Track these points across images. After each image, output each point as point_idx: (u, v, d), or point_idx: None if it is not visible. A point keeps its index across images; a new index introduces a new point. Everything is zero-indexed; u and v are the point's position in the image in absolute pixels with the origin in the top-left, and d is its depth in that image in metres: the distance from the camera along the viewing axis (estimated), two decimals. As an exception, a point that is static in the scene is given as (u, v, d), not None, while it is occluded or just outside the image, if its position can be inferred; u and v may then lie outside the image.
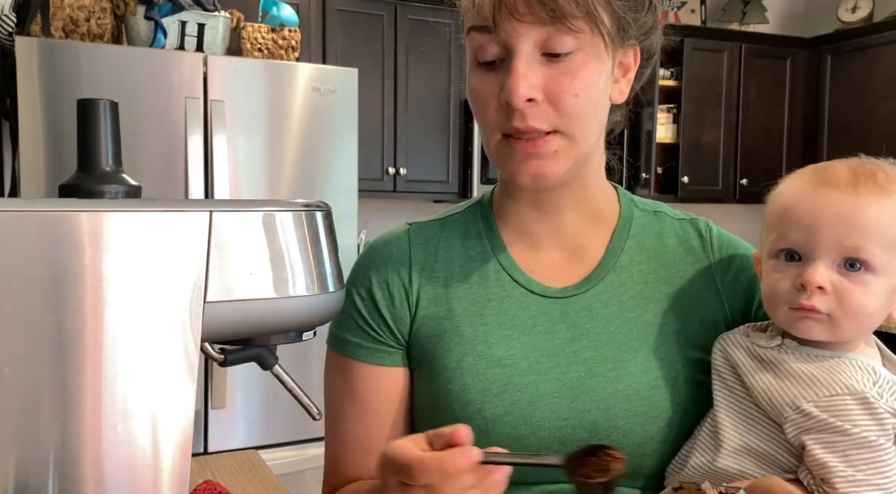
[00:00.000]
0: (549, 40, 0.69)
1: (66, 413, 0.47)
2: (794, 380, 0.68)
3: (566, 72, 0.70)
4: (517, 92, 0.68)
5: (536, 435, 0.74)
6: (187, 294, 0.49)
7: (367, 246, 0.88)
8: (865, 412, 0.64)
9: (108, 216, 0.47)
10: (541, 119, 0.70)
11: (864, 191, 0.67)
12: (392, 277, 0.82)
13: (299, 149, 2.28)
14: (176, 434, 0.50)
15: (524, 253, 0.82)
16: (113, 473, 0.48)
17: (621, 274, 0.80)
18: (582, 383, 0.75)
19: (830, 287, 0.67)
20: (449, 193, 3.15)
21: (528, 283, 0.80)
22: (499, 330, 0.78)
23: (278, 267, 0.53)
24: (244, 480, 1.28)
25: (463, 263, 0.82)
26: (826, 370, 0.67)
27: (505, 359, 0.76)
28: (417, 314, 0.81)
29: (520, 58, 0.69)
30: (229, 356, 0.59)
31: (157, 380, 0.49)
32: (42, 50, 1.96)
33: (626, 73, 0.77)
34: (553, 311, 0.79)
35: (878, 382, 0.65)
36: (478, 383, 0.75)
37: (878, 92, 3.48)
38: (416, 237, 0.85)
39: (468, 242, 0.84)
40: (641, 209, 0.86)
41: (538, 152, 0.72)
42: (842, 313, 0.67)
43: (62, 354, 0.46)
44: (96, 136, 0.54)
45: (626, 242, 0.82)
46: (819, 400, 0.65)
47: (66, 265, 0.46)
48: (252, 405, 2.26)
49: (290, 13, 2.45)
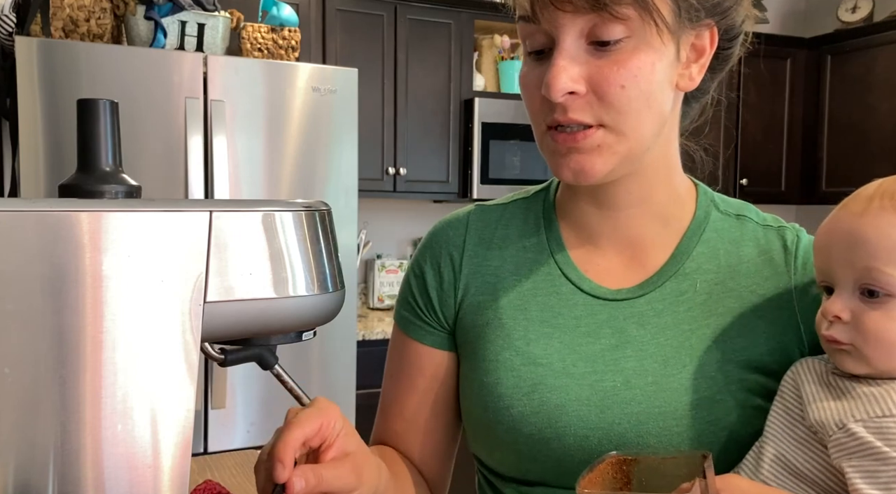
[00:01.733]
0: (594, 28, 0.64)
1: (66, 414, 0.47)
2: (849, 398, 0.62)
3: (613, 61, 0.65)
4: (555, 86, 0.64)
5: (561, 441, 0.71)
6: (187, 294, 0.49)
7: (433, 226, 0.88)
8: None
9: (108, 216, 0.47)
10: (584, 112, 0.66)
11: (874, 209, 0.61)
12: (445, 260, 0.82)
13: (299, 149, 2.28)
14: (176, 434, 0.50)
15: (581, 250, 0.78)
16: (113, 473, 0.48)
17: (683, 282, 0.74)
18: (616, 393, 0.71)
19: (849, 315, 0.62)
20: (449, 193, 3.15)
21: (579, 280, 0.76)
22: (540, 327, 0.75)
23: (278, 267, 0.53)
24: (244, 480, 1.28)
25: (516, 254, 0.79)
26: (888, 390, 0.60)
27: (541, 358, 0.73)
28: (464, 301, 0.80)
29: (561, 49, 0.65)
30: (229, 356, 0.59)
31: (157, 380, 0.49)
32: (42, 50, 1.96)
33: (699, 56, 0.70)
34: (600, 314, 0.74)
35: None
36: (510, 379, 0.73)
37: (878, 92, 3.48)
38: (475, 222, 0.83)
39: (526, 232, 0.81)
40: (723, 211, 0.78)
41: (579, 146, 0.67)
42: (864, 343, 0.61)
43: (62, 354, 0.46)
44: (96, 136, 0.54)
45: (695, 247, 0.75)
46: (869, 419, 0.59)
47: (66, 265, 0.46)
48: (252, 405, 2.26)
49: (290, 13, 2.45)
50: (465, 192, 3.14)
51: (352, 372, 2.41)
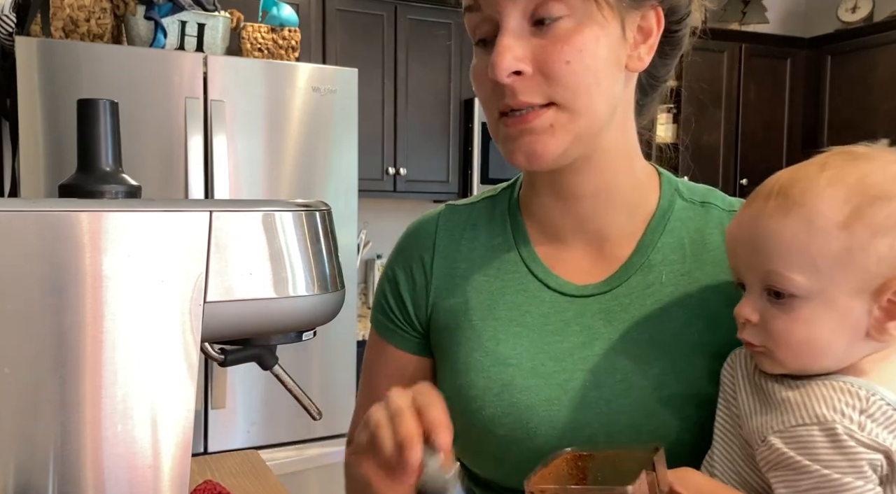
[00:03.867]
0: (536, 9, 0.64)
1: (66, 414, 0.47)
2: (770, 407, 0.60)
3: (557, 38, 0.64)
4: (499, 65, 0.64)
5: (532, 442, 0.70)
6: (187, 294, 0.49)
7: (406, 228, 0.87)
8: (831, 445, 0.54)
9: (108, 216, 0.47)
10: (532, 92, 0.65)
11: (769, 210, 0.59)
12: (416, 264, 0.81)
13: (299, 149, 2.28)
14: (176, 434, 0.50)
15: (547, 245, 0.77)
16: (113, 473, 0.48)
17: (649, 274, 0.72)
18: (585, 393, 0.70)
19: (758, 317, 0.60)
20: (449, 193, 3.15)
21: (546, 277, 0.75)
22: (509, 326, 0.74)
23: (278, 267, 0.53)
24: (244, 480, 1.28)
25: (484, 253, 0.78)
26: (805, 394, 0.58)
27: (511, 358, 0.72)
28: (436, 304, 0.79)
29: (504, 31, 0.65)
30: (229, 356, 0.59)
31: (157, 380, 0.49)
32: (42, 50, 1.96)
33: (647, 37, 0.69)
34: (568, 310, 0.73)
35: (868, 410, 0.55)
36: (481, 380, 0.73)
37: (878, 92, 3.48)
38: (444, 223, 0.82)
39: (493, 230, 0.80)
40: (687, 199, 0.76)
41: (531, 126, 0.66)
42: (774, 345, 0.60)
43: (62, 354, 0.46)
44: (96, 136, 0.54)
45: (660, 238, 0.74)
46: (785, 430, 0.57)
47: (66, 265, 0.46)
48: (252, 405, 2.26)
49: (290, 13, 2.44)
50: (465, 192, 3.14)
51: (352, 372, 2.41)
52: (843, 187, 0.57)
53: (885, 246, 0.55)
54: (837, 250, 0.56)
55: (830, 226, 0.56)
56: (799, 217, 0.57)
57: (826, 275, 0.57)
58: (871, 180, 0.56)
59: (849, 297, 0.57)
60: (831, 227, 0.56)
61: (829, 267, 0.57)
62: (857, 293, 0.57)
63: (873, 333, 0.57)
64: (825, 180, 0.58)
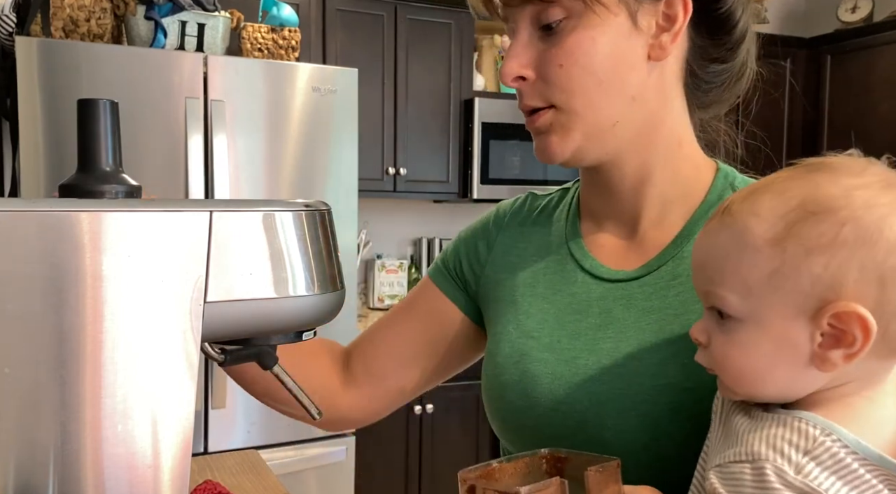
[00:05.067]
0: (539, 14, 0.68)
1: (66, 414, 0.47)
2: (725, 438, 0.57)
3: (554, 43, 0.68)
4: (504, 72, 0.69)
5: (533, 411, 0.74)
6: (187, 294, 0.49)
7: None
8: (755, 484, 0.51)
9: (108, 216, 0.47)
10: (533, 96, 0.70)
11: (710, 228, 0.57)
12: (483, 237, 0.88)
13: (299, 149, 2.28)
14: (176, 434, 0.50)
15: (593, 233, 0.80)
16: (113, 473, 0.48)
17: (679, 266, 0.72)
18: (586, 372, 0.71)
19: (706, 339, 0.58)
20: (449, 193, 3.15)
21: (583, 259, 0.78)
22: (542, 303, 0.78)
23: (278, 267, 0.53)
24: (244, 480, 1.28)
25: (541, 237, 0.83)
26: (754, 429, 0.54)
27: (534, 332, 0.77)
28: (489, 275, 0.85)
29: (515, 38, 0.70)
30: (229, 356, 0.59)
31: (157, 380, 0.49)
32: (42, 50, 1.96)
33: (672, 24, 0.68)
34: (593, 292, 0.75)
35: (814, 451, 0.51)
36: (506, 349, 0.77)
37: (878, 92, 3.48)
38: (520, 206, 0.88)
39: (555, 215, 0.84)
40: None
41: (536, 127, 0.71)
42: (718, 369, 0.58)
43: (62, 354, 0.46)
44: (96, 136, 0.54)
45: (699, 230, 0.73)
46: (724, 465, 0.54)
47: (66, 265, 0.46)
48: (252, 405, 2.26)
49: (290, 13, 2.45)
50: (466, 192, 3.14)
51: (352, 372, 2.41)
52: (782, 202, 0.54)
53: (820, 265, 0.51)
54: (768, 270, 0.53)
55: (761, 244, 0.53)
56: (731, 233, 0.55)
57: (757, 296, 0.53)
58: (815, 194, 0.53)
59: (784, 320, 0.53)
60: (762, 245, 0.53)
61: (760, 286, 0.53)
62: (792, 316, 0.53)
63: (816, 362, 0.53)
64: (769, 194, 0.55)
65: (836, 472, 0.50)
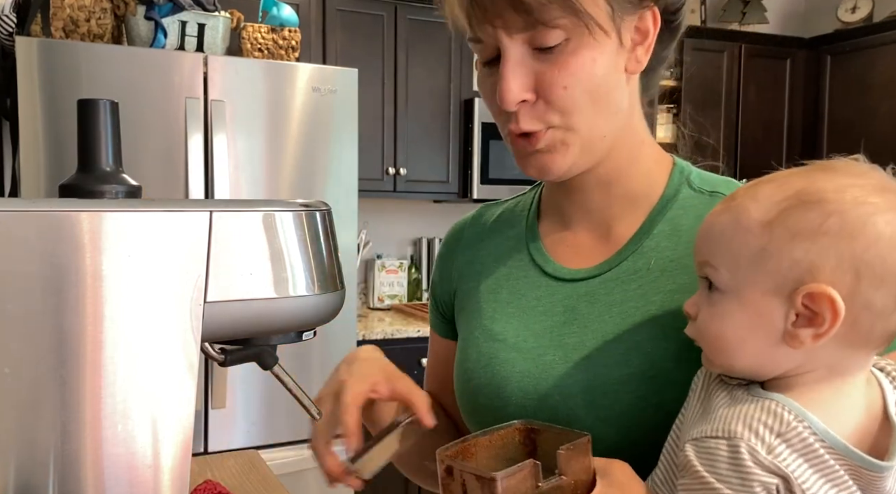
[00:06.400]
0: (535, 37, 0.66)
1: (66, 414, 0.47)
2: (704, 415, 0.60)
3: (554, 64, 0.67)
4: (506, 99, 0.67)
5: (506, 410, 0.75)
6: (187, 294, 0.49)
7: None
8: (730, 461, 0.54)
9: (108, 216, 0.47)
10: (533, 119, 0.69)
11: (718, 208, 0.62)
12: (447, 255, 0.91)
13: (299, 149, 2.28)
14: (176, 434, 0.50)
15: (555, 235, 0.82)
16: (113, 473, 0.48)
17: (639, 260, 0.75)
18: (554, 367, 0.74)
19: (696, 311, 0.62)
20: (449, 193, 3.15)
21: (545, 264, 0.80)
22: (507, 308, 0.80)
23: (278, 267, 0.53)
24: (244, 480, 1.28)
25: (500, 244, 0.85)
26: (732, 408, 0.57)
27: (499, 335, 0.79)
28: (457, 289, 0.88)
29: (508, 60, 0.67)
30: (229, 356, 0.59)
31: (157, 380, 0.49)
32: (42, 50, 1.96)
33: (644, 38, 0.71)
34: (558, 293, 0.78)
35: (785, 434, 0.54)
36: (474, 354, 0.80)
37: (878, 92, 3.48)
38: (475, 218, 0.91)
39: (513, 223, 0.87)
40: (696, 188, 0.77)
41: (538, 148, 0.71)
42: (700, 339, 0.62)
43: (62, 354, 0.46)
44: (96, 136, 0.54)
45: (657, 225, 0.76)
46: (700, 439, 0.57)
47: (66, 265, 0.46)
48: (252, 405, 2.26)
49: (290, 13, 2.45)
50: (465, 192, 3.14)
51: (352, 372, 2.41)
52: (780, 191, 0.58)
53: (801, 250, 0.55)
54: (755, 248, 0.57)
55: (754, 225, 0.57)
56: (732, 213, 0.59)
57: (743, 272, 0.58)
58: (811, 188, 0.57)
59: (762, 297, 0.57)
60: (754, 226, 0.57)
61: (747, 264, 0.58)
62: (770, 294, 0.57)
63: (787, 339, 0.57)
64: (771, 184, 0.59)
65: (804, 455, 0.54)
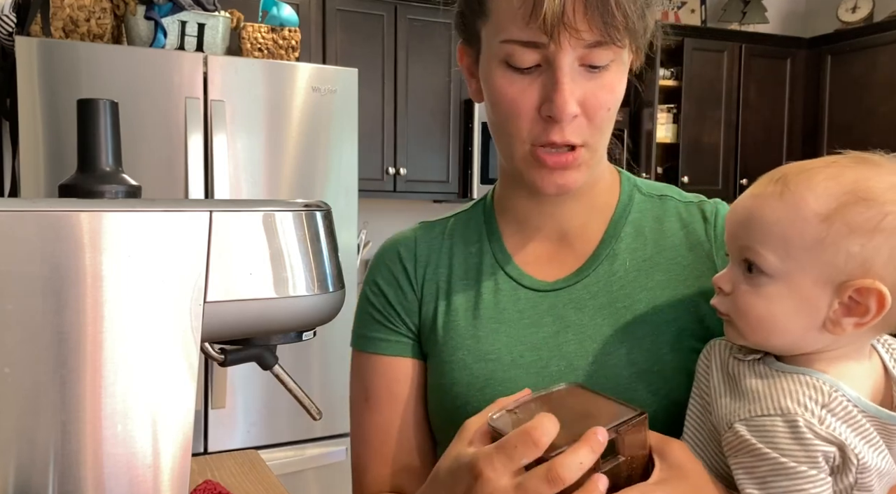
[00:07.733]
0: (589, 53, 0.66)
1: (66, 413, 0.47)
2: (740, 396, 0.62)
3: (602, 85, 0.68)
4: (566, 110, 0.66)
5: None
6: (187, 294, 0.49)
7: (380, 246, 0.90)
8: (790, 435, 0.57)
9: (108, 216, 0.47)
10: (576, 133, 0.69)
11: (766, 192, 0.63)
12: (401, 275, 0.85)
13: (299, 149, 2.28)
14: (176, 434, 0.50)
15: (521, 242, 0.81)
16: (113, 473, 0.48)
17: (615, 262, 0.78)
18: (560, 377, 0.74)
19: (730, 287, 0.64)
20: (449, 193, 3.15)
21: (520, 277, 0.79)
22: (489, 324, 0.78)
23: (278, 267, 0.53)
24: (244, 480, 1.28)
25: (464, 260, 0.83)
26: (772, 386, 0.61)
27: (490, 354, 0.76)
28: (422, 308, 0.83)
29: (565, 71, 0.66)
30: (229, 356, 0.59)
31: (157, 380, 0.49)
32: (42, 50, 1.96)
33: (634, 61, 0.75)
34: (542, 304, 0.78)
35: (830, 405, 0.58)
36: (464, 377, 0.76)
37: (878, 92, 3.48)
38: (422, 236, 0.87)
39: (469, 238, 0.84)
40: (645, 193, 0.82)
41: (569, 165, 0.70)
42: (736, 315, 0.64)
43: (62, 354, 0.46)
44: (96, 136, 0.54)
45: (623, 229, 0.79)
46: (751, 418, 0.60)
47: (66, 265, 0.46)
48: (252, 405, 2.26)
49: (290, 13, 2.45)
50: (465, 192, 3.14)
51: (352, 372, 2.41)
52: (836, 184, 0.59)
53: (857, 245, 0.58)
54: (812, 239, 0.59)
55: (812, 216, 0.59)
56: (788, 202, 0.61)
57: (795, 260, 0.60)
58: (865, 184, 0.59)
59: (812, 285, 0.60)
60: (812, 217, 0.59)
61: (801, 253, 0.60)
62: (821, 283, 0.60)
63: (829, 325, 0.60)
64: (824, 175, 0.61)
65: (847, 421, 0.58)
